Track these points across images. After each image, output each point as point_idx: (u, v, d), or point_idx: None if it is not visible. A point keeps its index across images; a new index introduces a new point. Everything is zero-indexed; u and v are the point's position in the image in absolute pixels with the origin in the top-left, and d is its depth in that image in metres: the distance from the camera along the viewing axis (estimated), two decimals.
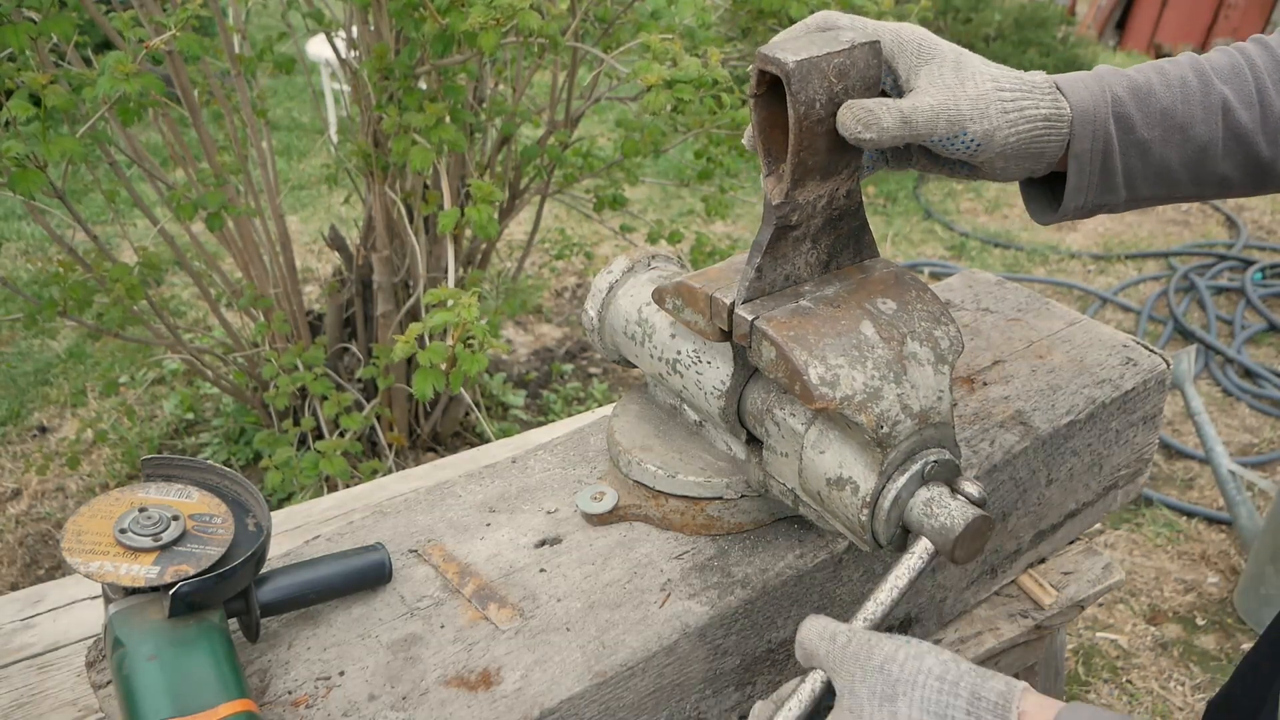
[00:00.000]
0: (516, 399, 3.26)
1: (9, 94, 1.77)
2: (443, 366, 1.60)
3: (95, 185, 2.82)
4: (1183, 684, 2.46)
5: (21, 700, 1.01)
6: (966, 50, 0.87)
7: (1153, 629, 2.62)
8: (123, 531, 0.80)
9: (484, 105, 2.45)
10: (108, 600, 0.80)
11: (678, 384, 0.97)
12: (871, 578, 1.01)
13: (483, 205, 1.89)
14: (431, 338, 1.65)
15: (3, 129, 1.80)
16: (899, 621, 1.08)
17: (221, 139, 2.47)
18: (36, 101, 1.72)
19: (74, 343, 3.53)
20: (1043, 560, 1.25)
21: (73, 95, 1.75)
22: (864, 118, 0.78)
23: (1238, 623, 2.63)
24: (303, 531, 1.33)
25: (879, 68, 0.80)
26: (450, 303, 1.56)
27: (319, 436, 2.50)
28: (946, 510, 0.78)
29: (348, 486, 2.15)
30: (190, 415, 3.14)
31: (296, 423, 2.54)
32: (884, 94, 0.86)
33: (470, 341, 1.56)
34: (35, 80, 1.71)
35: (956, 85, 0.83)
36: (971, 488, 0.80)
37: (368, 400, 2.66)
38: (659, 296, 0.92)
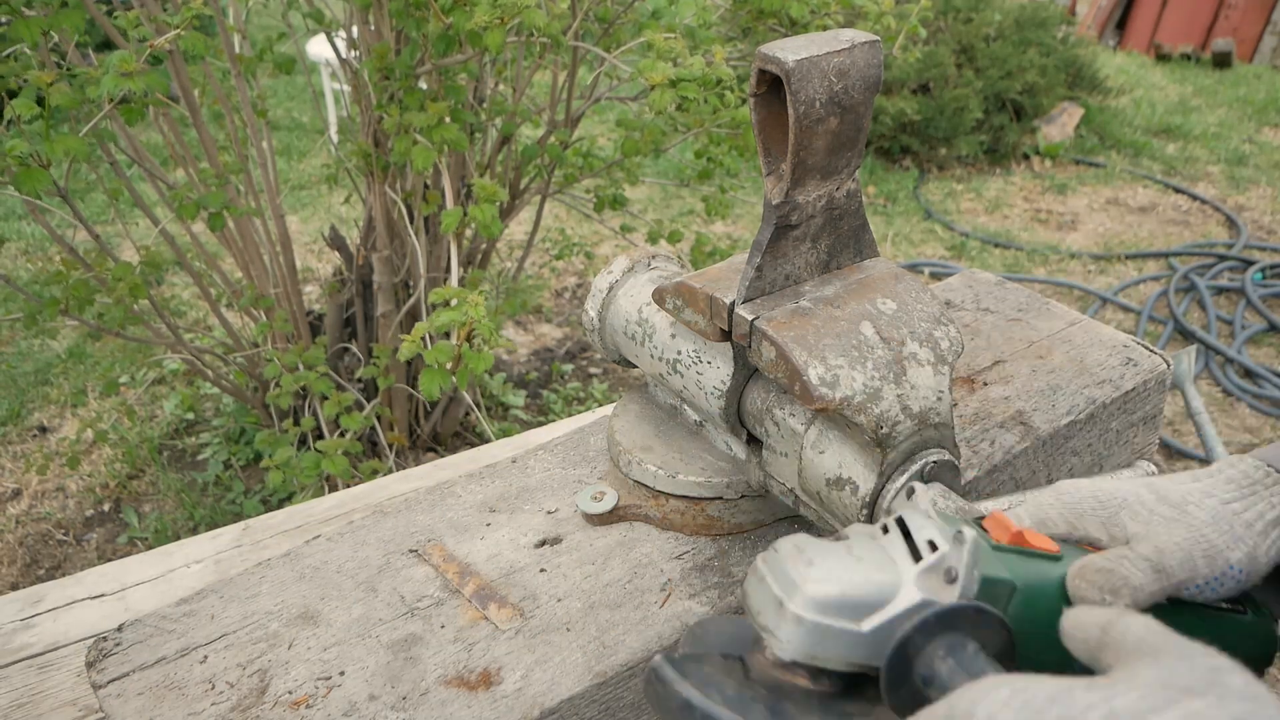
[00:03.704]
0: (517, 399, 3.26)
1: (12, 94, 1.77)
2: (448, 365, 1.60)
3: (97, 184, 2.82)
4: None
5: (21, 700, 1.01)
6: (1149, 475, 0.74)
7: None
8: None
9: (484, 105, 2.45)
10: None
11: (678, 384, 0.97)
12: None
13: (486, 204, 1.89)
14: (436, 337, 1.65)
15: (6, 128, 1.81)
16: None
17: (222, 139, 2.48)
18: (40, 101, 1.72)
19: (74, 343, 3.53)
20: None
21: (77, 94, 1.76)
22: (1104, 581, 0.61)
23: None
24: (303, 531, 1.33)
25: (879, 67, 0.79)
26: (455, 302, 1.56)
27: (319, 436, 2.50)
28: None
29: (348, 486, 2.15)
30: (190, 415, 3.15)
31: (297, 423, 2.54)
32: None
33: (475, 340, 1.57)
34: (40, 79, 1.71)
35: (1181, 515, 0.66)
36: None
37: (368, 400, 2.66)
38: (659, 296, 0.92)
